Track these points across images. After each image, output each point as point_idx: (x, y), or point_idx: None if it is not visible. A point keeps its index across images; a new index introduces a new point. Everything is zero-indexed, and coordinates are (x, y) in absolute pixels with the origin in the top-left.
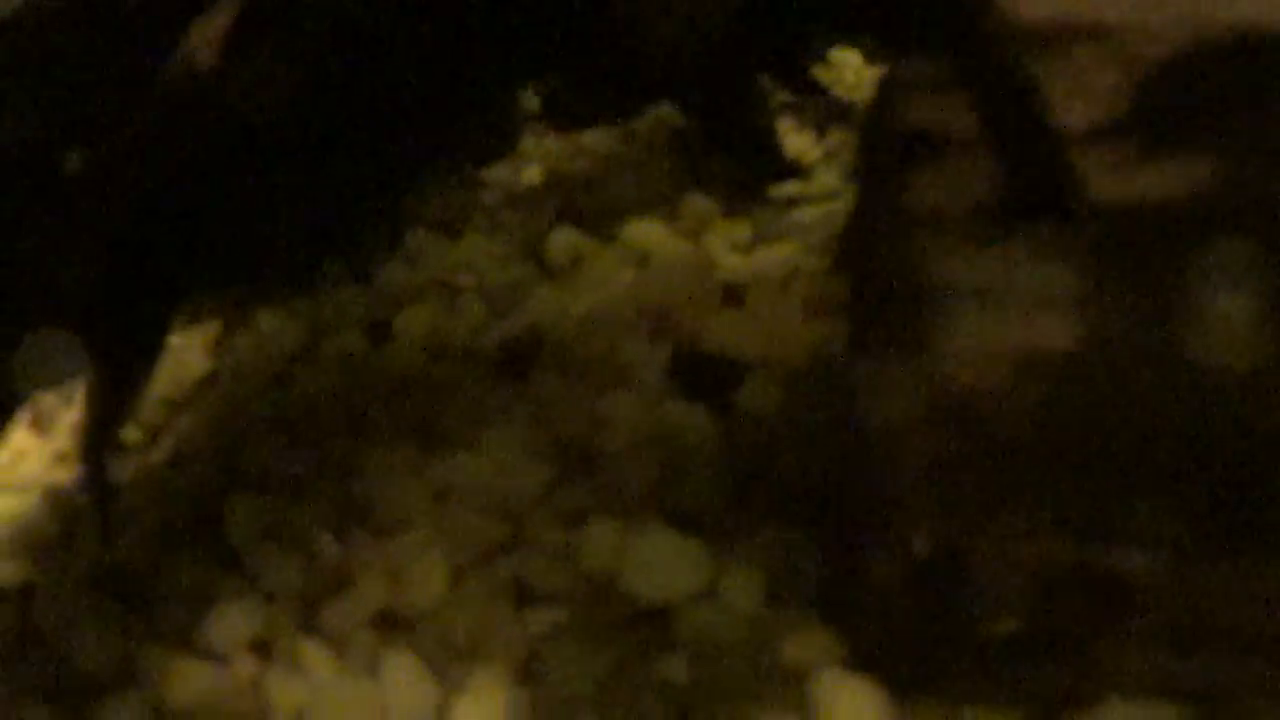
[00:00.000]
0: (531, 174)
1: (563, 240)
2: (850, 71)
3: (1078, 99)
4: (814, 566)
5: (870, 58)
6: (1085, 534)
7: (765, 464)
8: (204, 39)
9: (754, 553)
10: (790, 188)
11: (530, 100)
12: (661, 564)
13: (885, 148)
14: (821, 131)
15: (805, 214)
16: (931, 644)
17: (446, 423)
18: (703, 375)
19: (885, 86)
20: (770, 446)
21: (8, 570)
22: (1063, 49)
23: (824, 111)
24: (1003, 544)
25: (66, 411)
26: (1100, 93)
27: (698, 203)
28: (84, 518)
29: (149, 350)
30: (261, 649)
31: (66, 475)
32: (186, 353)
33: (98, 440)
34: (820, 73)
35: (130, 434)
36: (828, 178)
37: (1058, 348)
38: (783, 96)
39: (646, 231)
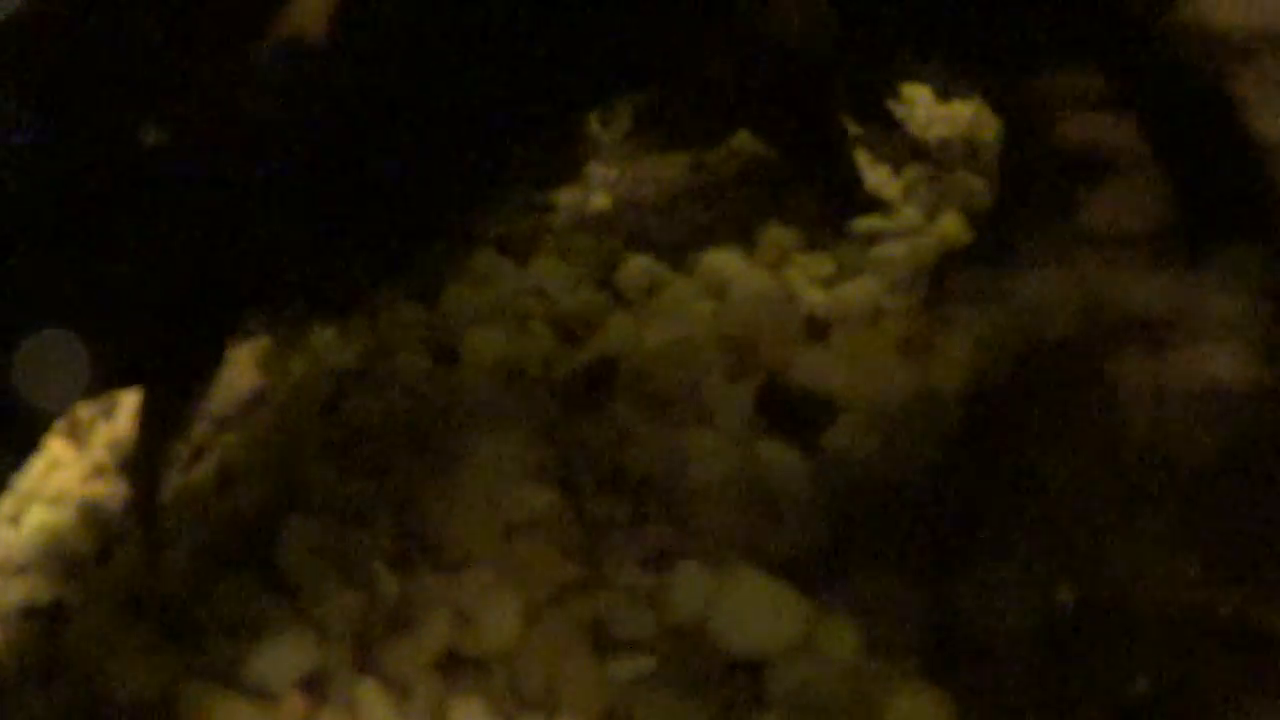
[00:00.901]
0: (600, 200)
1: (637, 268)
2: (922, 108)
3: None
4: (915, 616)
5: (942, 94)
6: (1252, 586)
7: (861, 508)
8: (311, 11)
9: (850, 601)
10: (871, 222)
11: (595, 127)
12: (755, 613)
13: (1047, 168)
14: (897, 167)
15: (888, 250)
16: (1057, 704)
17: (516, 453)
18: (791, 413)
19: (1032, 104)
20: (866, 490)
21: (39, 587)
22: (1258, 59)
23: (899, 146)
24: (1162, 593)
25: (105, 423)
26: None
27: (777, 234)
28: (122, 535)
29: (207, 364)
30: (313, 688)
31: (103, 489)
32: (235, 368)
33: (151, 456)
34: (891, 108)
35: (174, 450)
36: (910, 213)
37: (1240, 383)
38: (856, 130)
39: (725, 261)
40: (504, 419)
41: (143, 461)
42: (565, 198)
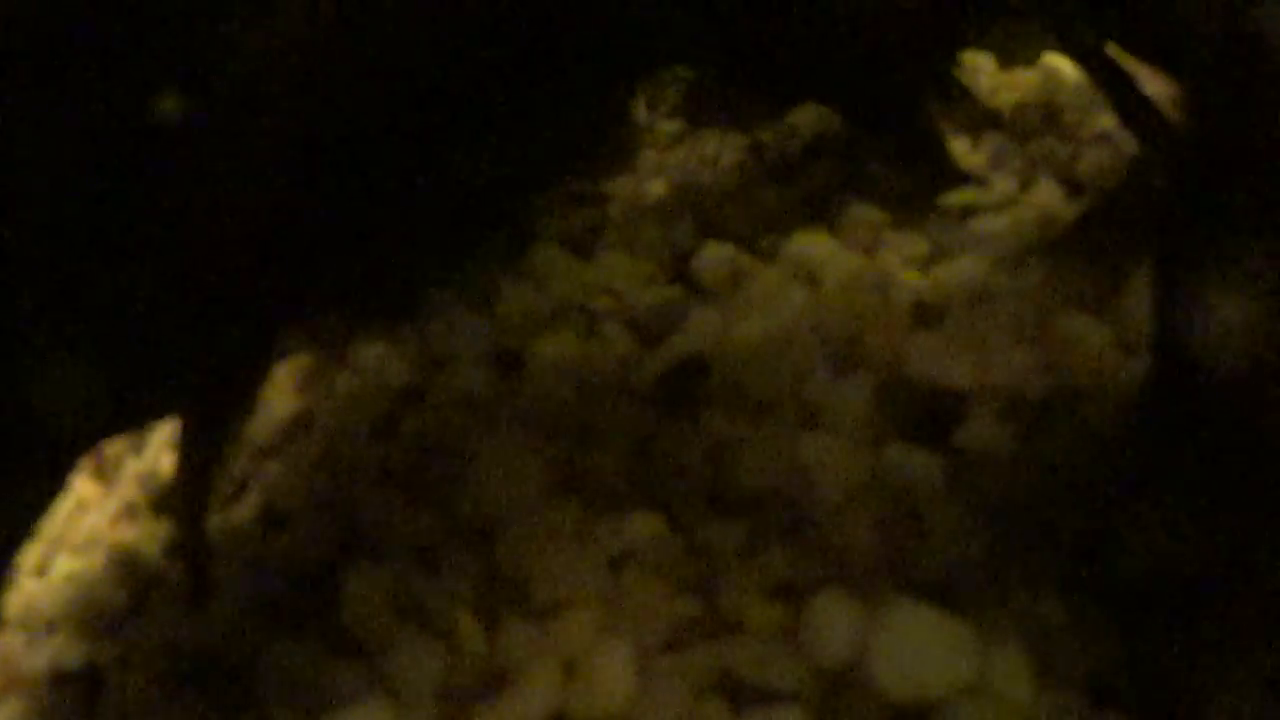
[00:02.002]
0: (657, 187)
1: (715, 257)
2: (985, 75)
3: None
4: (1088, 640)
5: (1005, 60)
6: None
7: (1013, 516)
8: None
9: (1016, 627)
10: (963, 197)
11: (643, 111)
12: (917, 649)
13: None
14: (975, 137)
15: (986, 224)
16: None
17: (606, 472)
18: (916, 411)
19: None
20: (1015, 495)
21: (69, 647)
22: None
23: (972, 116)
24: None
25: (134, 459)
26: None
27: (862, 213)
28: (160, 585)
29: (248, 381)
30: None
31: (136, 533)
32: (273, 390)
33: (194, 491)
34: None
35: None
36: (1002, 184)
37: None
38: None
39: (813, 245)
40: (586, 434)
41: (185, 498)
42: (620, 187)
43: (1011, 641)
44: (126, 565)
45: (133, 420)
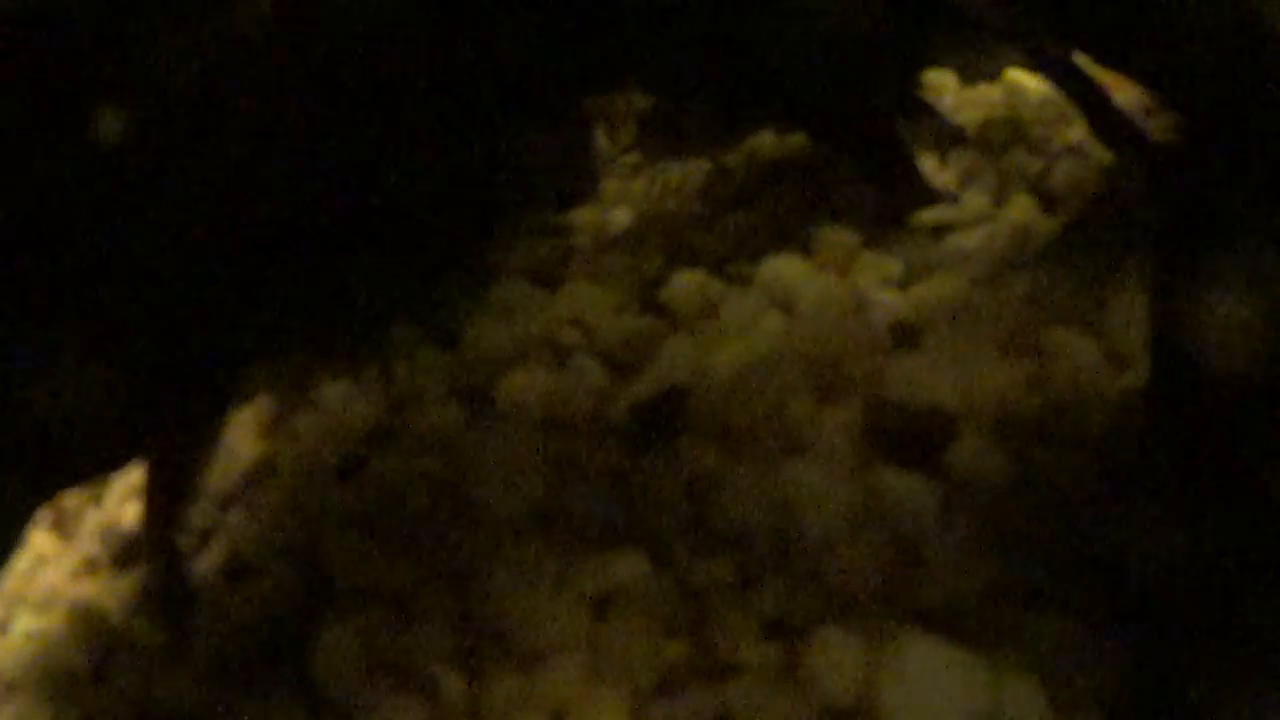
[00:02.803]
0: (621, 216)
1: (685, 285)
2: (949, 93)
3: None
4: (1100, 663)
5: (968, 78)
6: None
7: (1012, 539)
8: None
9: (1025, 653)
10: (936, 214)
11: (604, 141)
12: (926, 684)
13: None
14: (943, 154)
15: (959, 241)
16: None
17: (585, 510)
18: (903, 434)
19: None
20: (1012, 517)
21: (31, 713)
22: None
23: (938, 133)
24: None
25: (94, 510)
26: None
27: (833, 235)
28: (124, 643)
29: (207, 421)
30: None
31: (97, 588)
32: (234, 435)
33: (163, 541)
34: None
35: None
36: (974, 200)
37: None
38: None
39: (785, 269)
40: (561, 472)
41: (154, 548)
42: (584, 218)
43: (1023, 669)
44: (88, 623)
45: (91, 468)
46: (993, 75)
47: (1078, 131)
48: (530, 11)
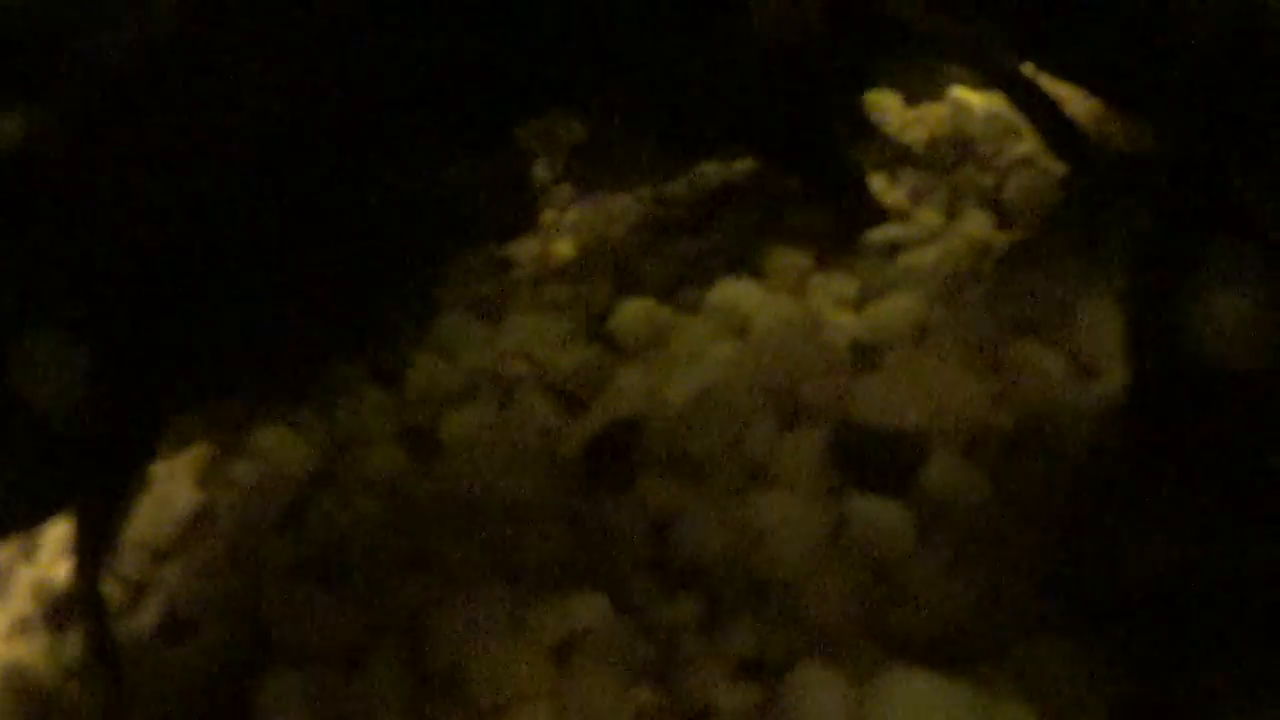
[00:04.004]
0: (564, 247)
1: (633, 313)
2: (893, 114)
3: None
4: (1096, 685)
5: (911, 98)
6: None
7: (994, 561)
8: None
9: (1018, 679)
10: (888, 232)
11: (543, 173)
12: (918, 718)
13: None
14: (892, 173)
15: (914, 259)
16: None
17: (538, 552)
18: (871, 458)
19: None
20: (992, 537)
21: None
22: None
23: (885, 153)
24: None
25: (25, 567)
26: None
27: (786, 257)
28: (59, 706)
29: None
30: None
31: (30, 648)
32: (169, 484)
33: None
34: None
35: (107, 591)
36: (926, 217)
37: None
38: None
39: (737, 294)
40: (513, 512)
41: (88, 606)
42: (525, 250)
43: (1016, 695)
44: (21, 685)
45: (19, 521)
46: (936, 95)
47: (1027, 145)
48: (460, 39)
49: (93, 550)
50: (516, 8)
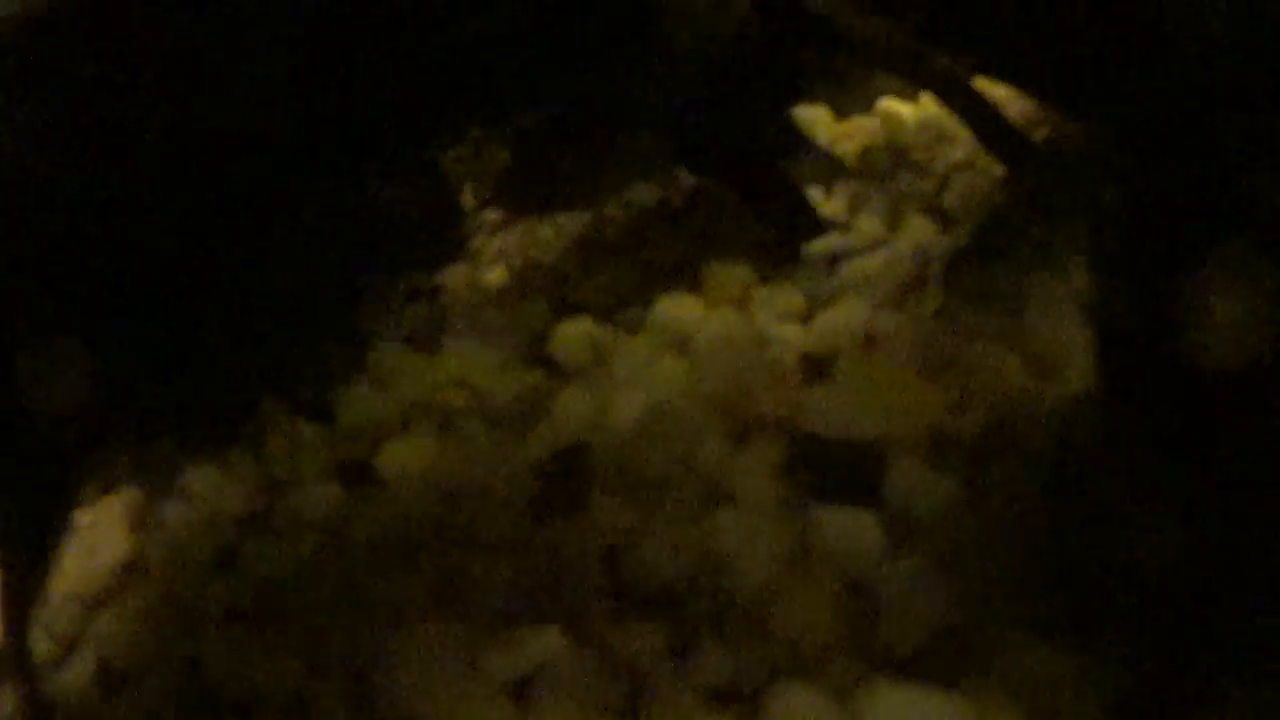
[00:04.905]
0: (496, 273)
1: (572, 335)
2: (822, 127)
3: None
4: (1087, 687)
5: (840, 112)
6: None
7: (970, 568)
8: None
9: (1005, 688)
10: (828, 243)
11: (469, 199)
12: None
13: None
14: (827, 185)
15: (857, 267)
16: None
17: (488, 586)
18: (832, 470)
19: None
20: (966, 544)
21: None
22: None
23: (818, 165)
24: None
25: None
26: None
27: (727, 272)
28: None
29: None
30: None
31: None
32: (100, 532)
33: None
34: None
35: (36, 644)
36: (867, 226)
37: None
38: None
39: (678, 311)
40: (459, 545)
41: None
42: (456, 277)
43: (1006, 703)
44: None
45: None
46: (865, 107)
47: (963, 150)
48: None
49: (20, 603)
50: (432, 26)
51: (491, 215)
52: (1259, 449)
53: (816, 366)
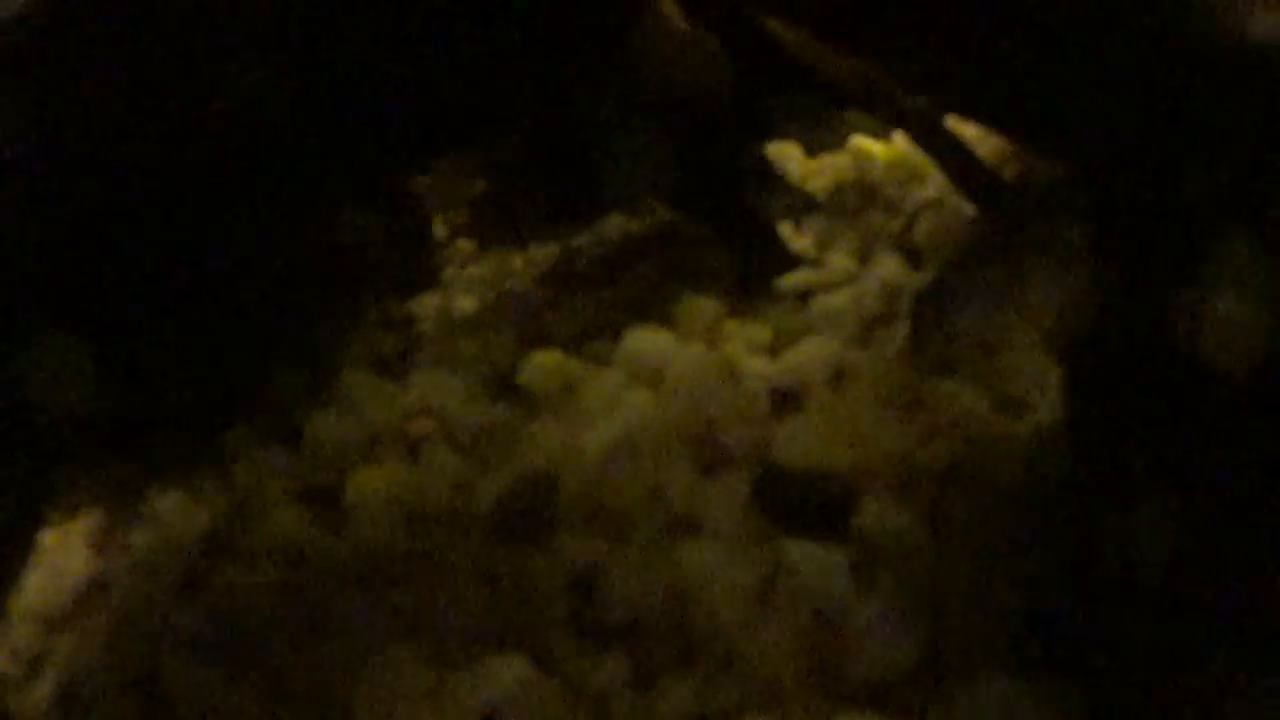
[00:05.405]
0: (467, 302)
1: (542, 366)
2: (793, 164)
3: None
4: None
5: (811, 149)
6: None
7: (941, 599)
8: None
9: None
10: (799, 277)
11: (441, 229)
12: None
13: None
14: (797, 221)
15: (827, 303)
16: None
17: (453, 615)
18: (800, 503)
19: None
20: (936, 574)
21: None
22: None
23: (789, 202)
24: None
25: None
26: None
27: (697, 305)
28: None
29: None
30: None
31: None
32: (64, 553)
33: None
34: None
35: None
36: (838, 262)
37: None
38: None
39: (648, 343)
40: (425, 574)
41: None
42: (427, 306)
43: None
44: None
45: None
46: (836, 145)
47: (932, 189)
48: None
49: None
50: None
51: (463, 245)
52: (1259, 449)
53: (786, 400)
